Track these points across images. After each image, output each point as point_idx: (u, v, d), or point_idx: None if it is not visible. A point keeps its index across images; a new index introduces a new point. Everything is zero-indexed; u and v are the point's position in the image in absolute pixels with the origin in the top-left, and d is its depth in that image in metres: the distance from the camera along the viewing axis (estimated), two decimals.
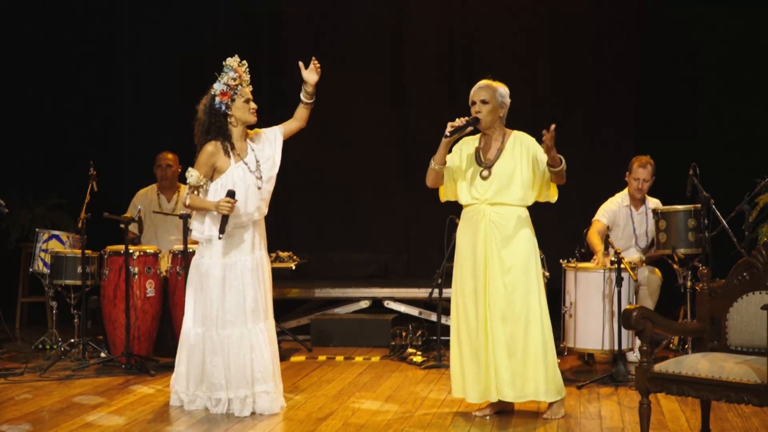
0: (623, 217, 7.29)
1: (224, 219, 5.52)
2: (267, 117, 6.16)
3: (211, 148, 5.62)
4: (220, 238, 5.56)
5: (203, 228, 5.66)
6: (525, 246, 5.49)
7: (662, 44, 8.98)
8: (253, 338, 5.62)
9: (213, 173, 5.66)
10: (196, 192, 5.63)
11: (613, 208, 7.31)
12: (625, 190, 7.36)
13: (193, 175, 5.59)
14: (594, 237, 7.09)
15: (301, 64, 5.81)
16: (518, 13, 9.47)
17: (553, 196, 5.56)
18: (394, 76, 9.85)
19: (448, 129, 5.38)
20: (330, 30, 9.85)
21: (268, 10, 9.92)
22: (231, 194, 5.52)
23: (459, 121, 5.39)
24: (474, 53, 9.55)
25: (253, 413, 5.58)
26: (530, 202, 5.55)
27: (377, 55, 9.80)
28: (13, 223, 8.99)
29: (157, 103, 9.79)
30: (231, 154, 5.64)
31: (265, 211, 5.78)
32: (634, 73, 9.24)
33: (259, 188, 5.66)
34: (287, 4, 9.85)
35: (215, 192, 5.62)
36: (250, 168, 5.66)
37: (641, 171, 7.21)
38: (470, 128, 5.45)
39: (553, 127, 5.20)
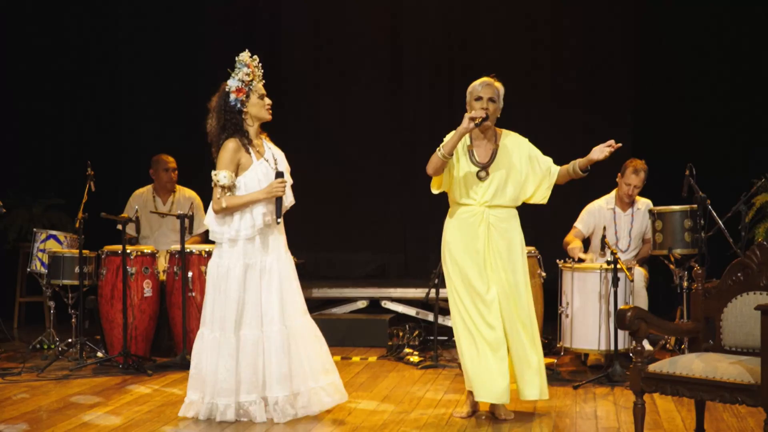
0: (606, 219, 7.30)
1: (279, 202, 5.41)
2: None
3: (233, 144, 5.40)
4: (278, 222, 5.44)
5: (224, 229, 5.42)
6: (521, 246, 5.55)
7: (660, 43, 8.99)
8: (266, 341, 5.42)
9: (237, 171, 5.43)
10: (228, 193, 5.38)
11: (594, 212, 7.35)
12: (614, 191, 7.38)
13: (225, 175, 5.36)
14: (568, 237, 7.25)
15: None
16: (517, 8, 9.48)
17: (547, 198, 5.60)
18: (392, 77, 9.86)
19: (471, 123, 5.27)
20: (328, 32, 9.86)
21: (267, 15, 9.92)
22: (280, 175, 5.41)
23: (478, 113, 5.32)
24: (472, 54, 9.54)
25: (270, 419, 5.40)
26: (520, 203, 5.58)
27: (375, 57, 9.81)
28: (11, 222, 9.01)
29: (155, 103, 9.80)
30: (251, 150, 5.46)
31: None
32: (631, 72, 9.24)
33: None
34: (286, 6, 9.86)
35: (240, 190, 5.41)
36: (271, 165, 5.48)
37: (633, 177, 7.19)
38: (486, 122, 5.42)
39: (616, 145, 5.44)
